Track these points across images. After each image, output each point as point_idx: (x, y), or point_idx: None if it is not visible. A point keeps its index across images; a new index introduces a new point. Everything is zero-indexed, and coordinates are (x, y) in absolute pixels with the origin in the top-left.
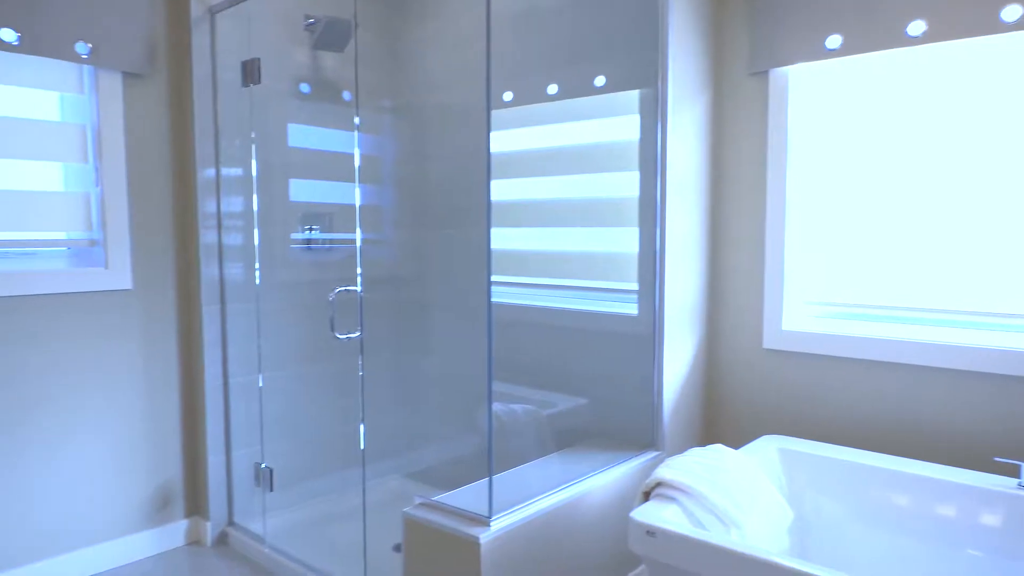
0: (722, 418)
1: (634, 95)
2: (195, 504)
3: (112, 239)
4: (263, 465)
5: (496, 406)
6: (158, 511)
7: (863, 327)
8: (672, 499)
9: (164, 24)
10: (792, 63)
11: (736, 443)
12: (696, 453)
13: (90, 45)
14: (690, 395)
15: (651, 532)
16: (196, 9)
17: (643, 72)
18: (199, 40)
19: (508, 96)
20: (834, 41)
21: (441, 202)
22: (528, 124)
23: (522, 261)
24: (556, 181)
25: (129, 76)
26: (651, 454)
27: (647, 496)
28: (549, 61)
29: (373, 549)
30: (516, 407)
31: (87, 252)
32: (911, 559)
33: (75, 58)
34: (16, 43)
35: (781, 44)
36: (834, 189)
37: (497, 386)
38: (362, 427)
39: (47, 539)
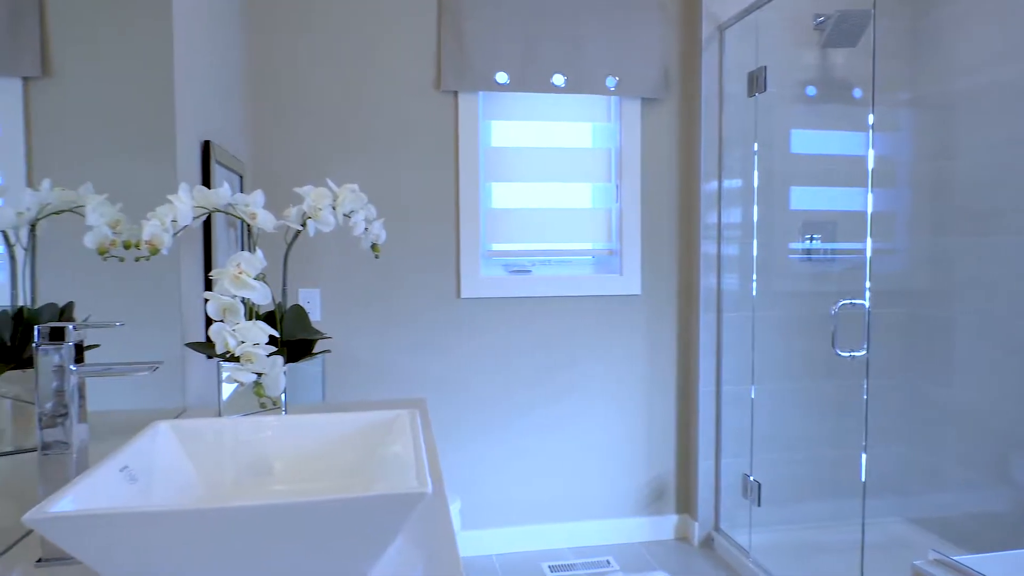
0: None
1: None
2: (685, 503)
3: (627, 249)
4: (751, 477)
5: None
6: (651, 502)
7: None
8: None
9: (676, 48)
10: None
11: None
12: None
13: (617, 78)
14: None
15: None
16: (706, 29)
17: None
18: (708, 58)
19: None
20: None
21: (973, 204)
22: None
23: None
24: None
25: (646, 101)
26: None
27: None
28: None
29: None
30: None
31: (606, 260)
32: None
33: (605, 91)
34: (563, 86)
35: None
36: None
37: None
38: (863, 456)
39: (564, 505)
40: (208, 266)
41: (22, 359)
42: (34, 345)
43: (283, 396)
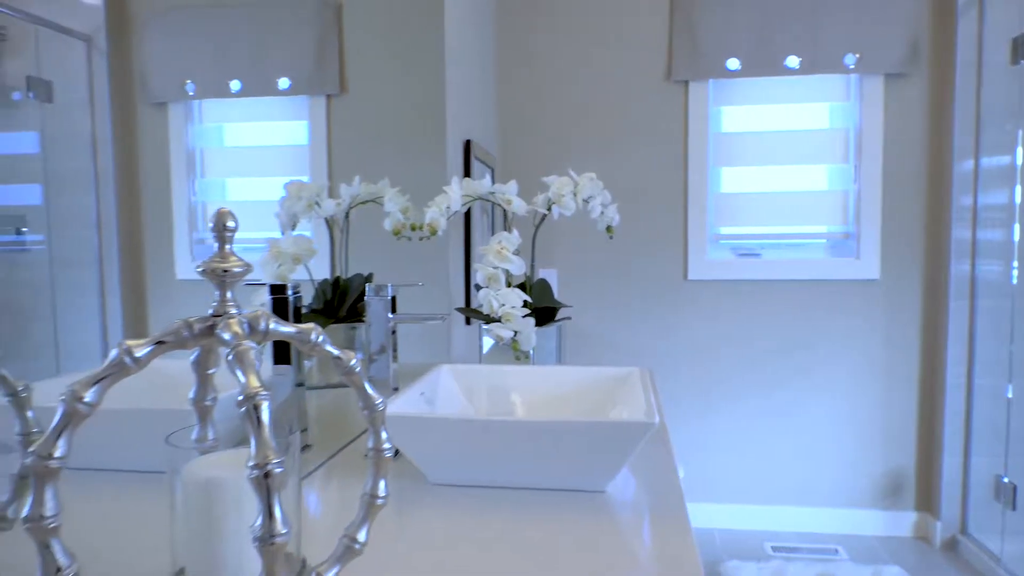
0: None
1: None
2: (925, 500)
3: (864, 232)
4: (1005, 479)
5: None
6: (887, 496)
7: None
8: None
9: (926, 19)
10: None
11: None
12: None
13: (857, 55)
14: None
15: None
16: None
17: None
18: (964, 26)
19: None
20: None
21: None
22: None
23: None
24: None
25: (890, 77)
26: None
27: None
28: None
29: None
30: None
31: (841, 244)
32: None
33: (843, 70)
34: (798, 67)
35: None
36: None
37: None
38: None
39: (790, 488)
40: (468, 247)
41: (338, 317)
42: (366, 298)
43: (531, 351)
